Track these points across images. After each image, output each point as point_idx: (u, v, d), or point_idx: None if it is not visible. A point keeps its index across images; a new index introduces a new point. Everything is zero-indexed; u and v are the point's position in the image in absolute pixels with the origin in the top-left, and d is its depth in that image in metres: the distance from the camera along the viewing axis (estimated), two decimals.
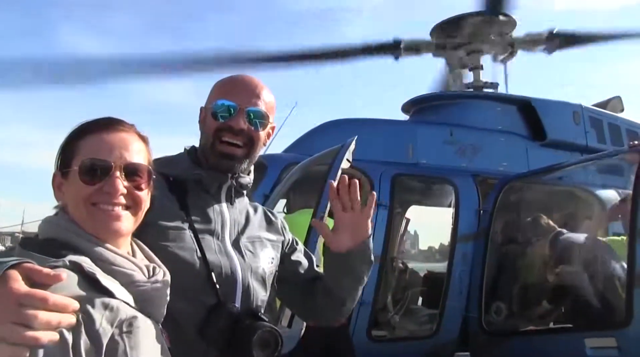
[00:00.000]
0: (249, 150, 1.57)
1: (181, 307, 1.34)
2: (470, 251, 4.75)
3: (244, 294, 1.48)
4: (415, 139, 5.29)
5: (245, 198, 1.68)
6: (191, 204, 1.52)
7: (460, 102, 5.95)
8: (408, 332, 4.90)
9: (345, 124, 5.27)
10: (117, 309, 1.00)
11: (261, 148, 1.63)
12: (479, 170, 5.16)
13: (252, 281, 1.51)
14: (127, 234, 1.18)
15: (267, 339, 1.37)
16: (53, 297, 0.89)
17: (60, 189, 1.18)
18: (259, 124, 1.56)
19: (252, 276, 1.52)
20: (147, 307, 1.12)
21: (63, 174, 1.17)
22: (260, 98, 1.57)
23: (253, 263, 1.54)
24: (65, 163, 1.17)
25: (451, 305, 4.66)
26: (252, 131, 1.55)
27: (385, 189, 4.68)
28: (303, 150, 4.78)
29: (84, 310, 0.94)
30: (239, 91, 1.57)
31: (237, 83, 1.60)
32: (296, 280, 1.72)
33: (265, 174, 4.64)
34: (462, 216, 4.82)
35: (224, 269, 1.46)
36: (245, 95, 1.55)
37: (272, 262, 1.61)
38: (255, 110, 1.55)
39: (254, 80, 1.60)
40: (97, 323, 0.95)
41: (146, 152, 1.23)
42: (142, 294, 1.10)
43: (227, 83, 1.61)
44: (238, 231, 1.57)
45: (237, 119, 1.53)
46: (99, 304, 0.97)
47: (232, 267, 1.48)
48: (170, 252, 1.39)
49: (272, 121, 1.63)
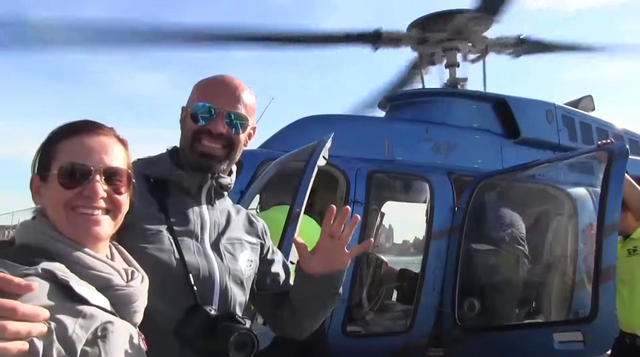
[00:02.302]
0: (229, 152, 1.57)
1: (158, 308, 1.33)
2: (444, 247, 4.81)
3: (222, 296, 1.48)
4: (391, 136, 5.31)
5: (227, 199, 1.67)
6: (171, 206, 1.51)
7: (436, 100, 5.99)
8: (382, 327, 4.94)
9: (321, 120, 5.27)
10: (90, 315, 1.00)
11: (242, 149, 1.62)
12: (454, 168, 5.22)
13: (230, 283, 1.51)
14: (106, 238, 1.18)
15: (243, 341, 1.37)
16: (22, 307, 0.89)
17: (38, 193, 1.17)
18: (240, 125, 1.56)
19: (230, 278, 1.51)
20: (125, 311, 1.12)
21: (42, 177, 1.16)
22: (240, 100, 1.56)
23: (232, 265, 1.53)
24: (43, 166, 1.16)
25: (425, 301, 4.71)
26: (232, 134, 1.55)
27: (361, 186, 4.70)
28: (279, 146, 4.76)
29: (55, 318, 0.94)
30: (219, 93, 1.56)
31: (217, 85, 1.58)
32: (268, 289, 1.71)
33: (241, 171, 4.61)
34: (437, 213, 4.87)
35: (202, 271, 1.46)
36: (225, 97, 1.55)
37: (250, 265, 1.60)
38: (235, 113, 1.54)
39: (235, 82, 1.59)
40: (69, 330, 0.95)
41: (125, 156, 1.23)
42: (119, 298, 1.11)
43: (207, 84, 1.60)
44: (218, 232, 1.57)
45: (216, 122, 1.53)
46: (71, 312, 0.97)
47: (210, 269, 1.48)
48: (148, 254, 1.39)
49: (252, 123, 1.62)
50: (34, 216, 1.18)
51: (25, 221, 1.16)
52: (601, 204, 3.80)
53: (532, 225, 5.00)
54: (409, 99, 6.11)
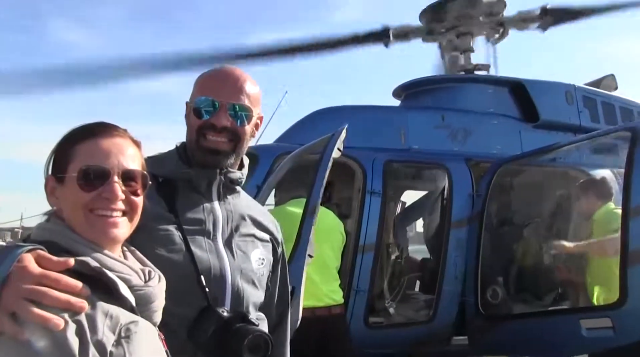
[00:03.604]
0: (236, 145, 1.53)
1: (171, 309, 1.30)
2: (465, 235, 4.74)
3: (234, 297, 1.45)
4: (407, 125, 5.25)
5: (241, 194, 1.63)
6: (181, 204, 1.49)
7: (451, 86, 5.90)
8: (405, 318, 4.90)
9: (336, 112, 5.23)
10: (116, 316, 1.01)
11: (249, 141, 1.58)
12: (472, 154, 5.13)
13: (242, 283, 1.47)
14: (123, 240, 1.18)
15: (257, 344, 1.35)
16: (65, 279, 0.96)
17: (53, 194, 1.17)
18: (244, 117, 1.51)
19: (242, 278, 1.48)
20: (145, 311, 1.12)
21: (57, 179, 1.16)
22: (243, 91, 1.51)
23: (243, 264, 1.50)
24: (59, 168, 1.16)
25: (447, 290, 4.66)
26: (237, 126, 1.51)
27: (378, 176, 4.66)
28: (294, 139, 4.75)
29: (87, 315, 0.97)
30: (220, 85, 1.52)
31: (218, 77, 1.55)
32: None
33: (257, 165, 4.61)
34: (456, 201, 4.81)
35: (213, 271, 1.43)
36: (226, 89, 1.51)
37: (262, 263, 1.57)
38: (239, 105, 1.50)
39: (236, 73, 1.55)
40: (100, 332, 0.97)
41: (140, 157, 1.24)
42: (139, 298, 1.11)
43: (208, 77, 1.56)
44: (231, 228, 1.53)
45: (220, 115, 1.48)
46: (100, 312, 0.99)
47: (222, 268, 1.45)
48: (158, 254, 1.37)
49: (258, 113, 1.58)
50: (47, 218, 1.18)
51: (41, 223, 1.17)
52: (626, 185, 3.70)
53: (554, 209, 4.89)
54: (423, 86, 6.02)
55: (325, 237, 3.65)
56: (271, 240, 1.66)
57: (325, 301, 3.62)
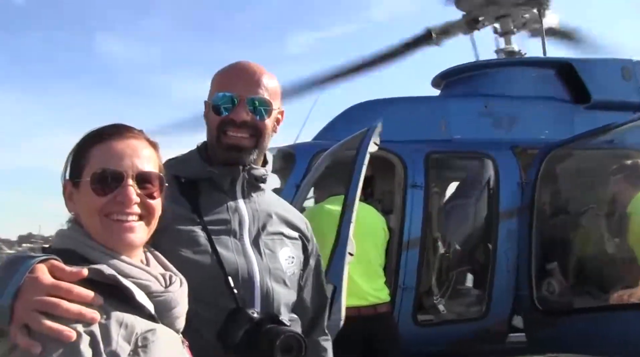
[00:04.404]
0: (257, 140, 1.49)
1: (199, 312, 1.29)
2: (515, 226, 4.52)
3: (264, 297, 1.42)
4: (447, 114, 5.09)
5: (266, 191, 1.60)
6: (205, 205, 1.46)
7: (493, 71, 5.65)
8: (456, 314, 4.73)
9: (373, 106, 5.12)
10: (131, 325, 0.99)
11: (271, 136, 1.55)
12: (518, 141, 4.89)
13: (271, 283, 1.44)
14: (141, 245, 1.15)
15: (290, 344, 1.30)
16: (77, 289, 0.94)
17: (71, 199, 1.15)
18: (264, 111, 1.48)
19: (271, 278, 1.44)
20: (166, 317, 1.09)
21: (74, 184, 1.14)
22: (261, 84, 1.49)
23: (271, 264, 1.46)
24: (75, 173, 1.14)
25: (499, 284, 4.46)
26: (257, 121, 1.48)
27: (419, 169, 4.53)
28: (331, 136, 4.70)
29: (101, 325, 0.95)
30: (238, 80, 1.49)
31: (234, 72, 1.52)
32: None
33: (294, 164, 4.58)
34: (503, 190, 4.60)
35: (240, 272, 1.40)
36: (244, 84, 1.48)
37: (292, 262, 1.53)
38: (257, 99, 1.47)
39: (253, 66, 1.52)
40: (114, 343, 0.94)
41: (157, 159, 1.20)
42: (159, 305, 1.08)
43: (224, 73, 1.54)
44: (258, 227, 1.50)
45: (239, 110, 1.46)
46: (114, 322, 0.96)
47: (249, 269, 1.41)
48: (184, 257, 1.34)
49: (278, 107, 1.54)
50: (69, 226, 1.16)
51: (60, 230, 1.16)
52: None
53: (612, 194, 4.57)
54: (463, 73, 5.80)
55: (366, 234, 3.56)
56: (300, 237, 1.61)
57: (370, 299, 3.52)
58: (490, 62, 6.08)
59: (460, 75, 5.82)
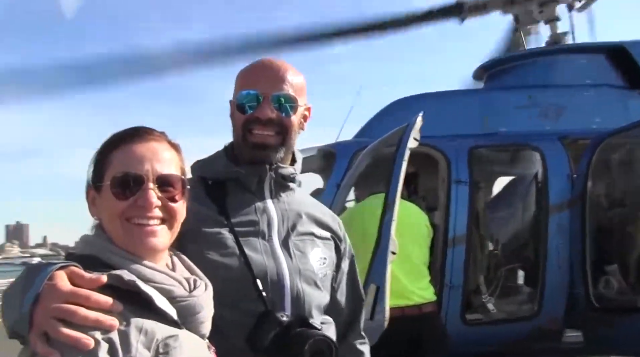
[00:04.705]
0: (283, 138, 1.46)
1: (227, 316, 1.27)
2: (566, 220, 4.32)
3: (294, 300, 1.38)
4: (490, 107, 4.93)
5: (296, 191, 1.56)
6: (232, 206, 1.43)
7: (537, 61, 5.43)
8: (506, 313, 4.57)
9: (413, 102, 5.02)
10: (151, 331, 0.97)
11: (298, 133, 1.51)
12: (567, 132, 4.67)
13: (301, 285, 1.39)
14: (163, 249, 1.13)
15: (319, 349, 1.27)
16: (95, 296, 0.93)
17: (94, 204, 1.15)
18: (289, 108, 1.44)
19: (302, 279, 1.40)
20: (190, 322, 1.07)
21: (96, 188, 1.13)
22: (285, 80, 1.44)
23: (302, 265, 1.42)
24: (97, 177, 1.13)
25: (551, 281, 4.28)
26: (282, 118, 1.44)
27: (463, 164, 4.41)
28: (373, 134, 4.62)
29: (120, 332, 0.93)
30: (261, 77, 1.45)
31: (258, 69, 1.49)
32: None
33: (334, 163, 4.55)
34: (553, 184, 4.40)
35: (269, 274, 1.36)
36: (268, 80, 1.44)
37: (324, 263, 1.48)
38: (282, 95, 1.43)
39: (276, 63, 1.48)
40: (133, 350, 0.93)
41: (178, 161, 1.18)
42: (183, 310, 1.06)
43: (248, 71, 1.51)
44: (288, 227, 1.46)
45: (263, 108, 1.42)
46: (133, 329, 0.95)
47: (279, 271, 1.38)
48: (211, 260, 1.32)
49: (304, 103, 1.51)
50: (94, 231, 1.16)
51: (84, 235, 1.15)
52: None
53: None
54: (506, 64, 5.61)
55: (408, 232, 3.49)
56: (332, 237, 1.56)
57: (415, 299, 3.44)
58: (535, 51, 5.84)
59: (504, 65, 5.64)
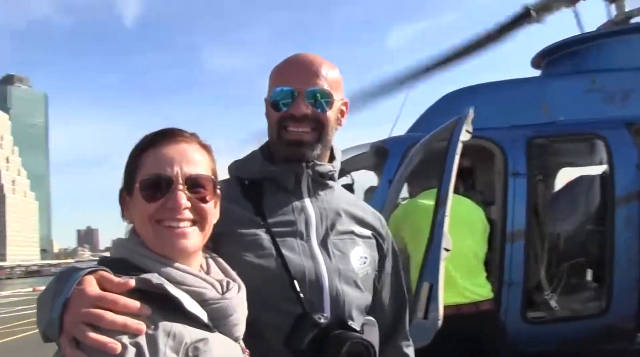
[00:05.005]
0: (320, 134, 1.41)
1: (265, 318, 1.26)
2: (635, 212, 4.06)
3: (333, 301, 1.33)
4: (549, 95, 4.70)
5: (335, 189, 1.51)
6: (268, 206, 1.40)
7: (601, 43, 5.12)
8: (570, 311, 4.34)
9: (466, 94, 4.88)
10: (180, 334, 0.95)
11: (335, 129, 1.47)
12: (634, 118, 4.37)
13: (341, 286, 1.35)
14: (195, 250, 1.11)
15: (357, 351, 1.23)
16: (123, 300, 0.93)
17: (127, 208, 1.14)
18: (325, 103, 1.39)
19: (341, 280, 1.36)
20: (223, 325, 1.06)
21: (128, 191, 1.13)
22: (320, 75, 1.39)
23: (342, 265, 1.38)
24: (129, 180, 1.13)
25: (620, 276, 4.03)
26: (318, 114, 1.39)
27: (520, 156, 4.23)
28: (425, 128, 4.52)
29: (148, 335, 0.93)
30: (295, 73, 1.41)
31: (291, 65, 1.44)
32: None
33: (387, 159, 4.50)
34: (619, 173, 4.14)
35: (307, 275, 1.33)
36: (301, 76, 1.39)
37: (365, 262, 1.43)
38: (317, 90, 1.38)
39: (309, 57, 1.44)
40: (160, 354, 0.92)
41: (209, 162, 1.16)
42: (215, 312, 1.05)
43: (281, 67, 1.45)
44: (327, 226, 1.41)
45: (298, 104, 1.37)
46: (161, 333, 0.93)
47: (317, 271, 1.34)
48: (247, 261, 1.30)
49: (340, 98, 1.46)
50: (129, 235, 1.16)
51: (116, 239, 1.16)
52: None
53: None
54: (567, 49, 5.32)
55: (462, 227, 3.40)
56: (374, 236, 1.51)
57: (470, 296, 3.34)
58: (598, 33, 5.51)
59: (564, 51, 5.34)
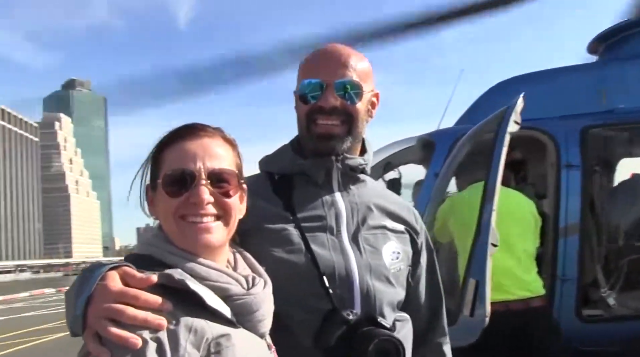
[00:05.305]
0: (350, 127, 1.38)
1: (293, 314, 1.26)
2: None
3: (364, 297, 1.31)
4: (608, 82, 4.45)
5: (367, 182, 1.49)
6: (298, 200, 1.39)
7: None
8: (630, 309, 4.12)
9: (517, 83, 4.67)
10: (201, 330, 0.95)
11: (366, 121, 1.44)
12: None
13: (372, 282, 1.33)
14: (219, 246, 1.10)
15: (385, 349, 1.21)
16: (144, 295, 0.94)
17: (152, 204, 1.14)
18: (354, 95, 1.36)
19: (372, 276, 1.33)
20: (247, 321, 1.05)
21: (153, 187, 1.13)
22: (349, 66, 1.37)
23: (373, 260, 1.35)
24: (153, 176, 1.13)
25: None
26: (347, 106, 1.36)
27: (573, 147, 4.03)
28: (473, 120, 4.38)
29: (169, 331, 0.92)
30: (323, 65, 1.38)
31: (319, 57, 1.41)
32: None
33: (433, 152, 4.41)
34: None
35: (337, 270, 1.31)
36: (330, 68, 1.37)
37: (397, 257, 1.40)
38: (346, 82, 1.35)
39: (338, 48, 1.41)
40: (181, 349, 0.91)
41: (233, 156, 1.15)
42: (240, 308, 1.04)
43: (309, 60, 1.43)
44: (358, 221, 1.39)
45: (327, 96, 1.35)
46: (182, 328, 0.93)
47: (347, 267, 1.32)
48: (276, 257, 1.29)
49: (370, 89, 1.43)
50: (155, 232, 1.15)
51: (143, 235, 1.18)
52: None
53: None
54: (628, 31, 5.00)
55: (510, 221, 3.29)
56: (407, 230, 1.48)
57: (520, 293, 3.24)
58: None
59: (624, 33, 5.03)
